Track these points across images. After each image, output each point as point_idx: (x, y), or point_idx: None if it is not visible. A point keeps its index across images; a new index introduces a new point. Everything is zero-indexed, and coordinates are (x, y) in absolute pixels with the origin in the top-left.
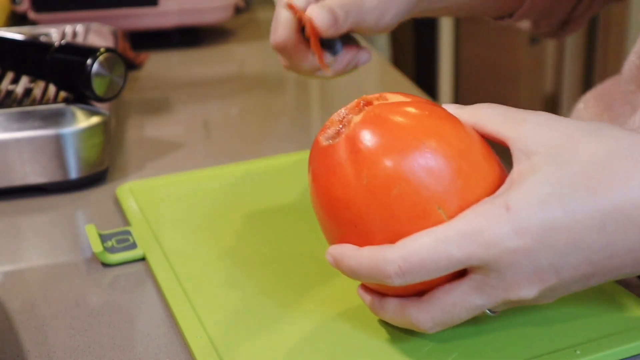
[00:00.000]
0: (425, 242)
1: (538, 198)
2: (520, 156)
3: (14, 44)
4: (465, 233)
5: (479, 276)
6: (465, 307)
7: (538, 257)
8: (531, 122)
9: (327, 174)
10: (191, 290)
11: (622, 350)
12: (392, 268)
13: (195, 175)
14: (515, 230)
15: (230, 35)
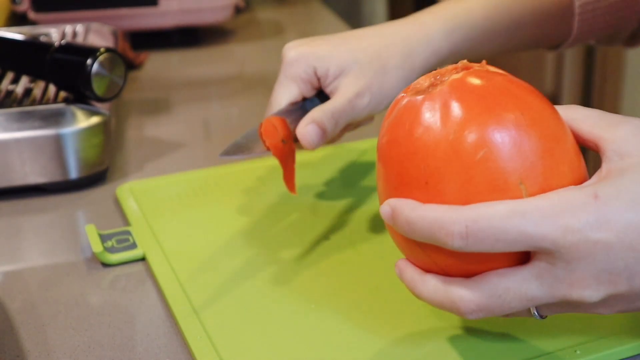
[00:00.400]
0: (499, 210)
1: (628, 196)
2: (613, 156)
3: (14, 44)
4: (545, 212)
5: (544, 264)
6: (520, 295)
7: (616, 256)
8: (629, 125)
9: (412, 124)
10: (191, 290)
11: (622, 350)
12: (457, 228)
13: (195, 175)
14: (600, 221)
15: (230, 35)
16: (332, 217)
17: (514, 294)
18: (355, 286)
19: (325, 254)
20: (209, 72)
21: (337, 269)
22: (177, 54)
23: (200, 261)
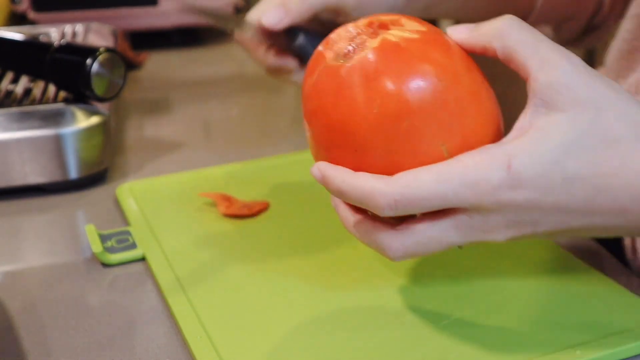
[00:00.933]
0: (424, 180)
1: (542, 162)
2: (540, 106)
3: (14, 44)
4: (463, 180)
5: (462, 216)
6: (441, 242)
7: (524, 212)
8: (563, 71)
9: (336, 95)
10: (191, 290)
11: (622, 350)
12: (386, 201)
13: (195, 175)
14: (512, 187)
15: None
16: (332, 215)
17: (437, 241)
18: (356, 285)
19: (325, 254)
20: (209, 72)
21: (337, 268)
22: (177, 54)
23: (200, 261)
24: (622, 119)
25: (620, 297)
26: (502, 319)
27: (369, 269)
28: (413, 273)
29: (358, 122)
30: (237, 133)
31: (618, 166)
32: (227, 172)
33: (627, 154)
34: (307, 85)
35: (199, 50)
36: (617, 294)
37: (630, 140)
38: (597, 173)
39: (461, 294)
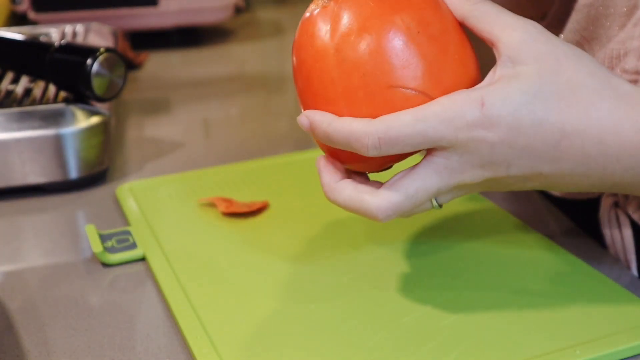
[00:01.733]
0: (405, 120)
1: (512, 103)
2: (507, 61)
3: (14, 44)
4: (440, 117)
5: (440, 159)
6: (427, 190)
7: (497, 151)
8: (525, 31)
9: (314, 52)
10: (191, 290)
11: (622, 350)
12: (371, 140)
13: (195, 175)
14: (485, 124)
15: (230, 35)
16: (332, 215)
17: (422, 192)
18: (356, 285)
19: (326, 253)
20: (209, 72)
21: (338, 268)
22: (177, 54)
23: (200, 261)
24: (582, 70)
25: (620, 297)
26: (502, 319)
27: (369, 268)
28: (413, 273)
29: (336, 77)
30: (237, 133)
31: (582, 112)
32: (227, 172)
33: (590, 102)
34: (297, 32)
35: (199, 50)
36: (617, 294)
37: (594, 89)
38: (563, 118)
39: (461, 294)
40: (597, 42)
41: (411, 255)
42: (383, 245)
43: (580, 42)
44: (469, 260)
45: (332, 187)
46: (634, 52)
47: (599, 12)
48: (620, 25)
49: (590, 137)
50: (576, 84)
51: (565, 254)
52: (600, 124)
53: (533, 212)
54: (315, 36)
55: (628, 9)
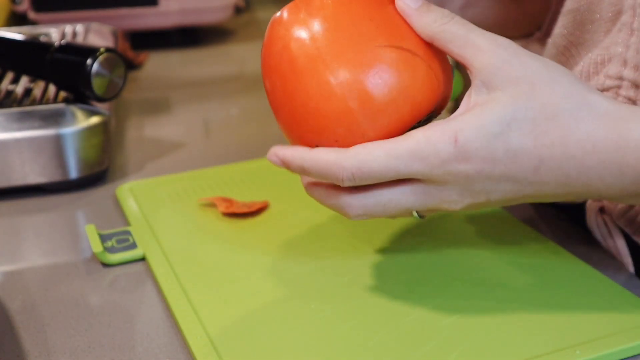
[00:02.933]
0: (377, 156)
1: (485, 135)
2: (480, 87)
3: (14, 44)
4: (413, 155)
5: (419, 184)
6: (399, 204)
7: (476, 182)
8: (495, 55)
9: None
10: (191, 290)
11: (622, 350)
12: (346, 174)
13: (195, 175)
14: (459, 159)
15: (230, 35)
16: (332, 215)
17: (395, 204)
18: (356, 285)
19: (326, 253)
20: (209, 72)
21: (338, 268)
22: (177, 54)
23: (200, 261)
24: (557, 92)
25: (620, 297)
26: (502, 318)
27: (370, 268)
28: (414, 273)
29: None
30: (237, 133)
31: (559, 136)
32: (227, 172)
33: (567, 125)
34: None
35: (199, 50)
36: (617, 293)
37: (570, 113)
38: (539, 144)
39: (461, 294)
40: (584, 47)
41: (411, 255)
42: (383, 245)
43: (567, 47)
44: (469, 261)
45: (311, 182)
46: (617, 57)
47: (584, 17)
48: (606, 31)
49: (569, 161)
50: (552, 109)
51: (565, 253)
52: (579, 146)
53: (531, 212)
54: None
55: (613, 14)
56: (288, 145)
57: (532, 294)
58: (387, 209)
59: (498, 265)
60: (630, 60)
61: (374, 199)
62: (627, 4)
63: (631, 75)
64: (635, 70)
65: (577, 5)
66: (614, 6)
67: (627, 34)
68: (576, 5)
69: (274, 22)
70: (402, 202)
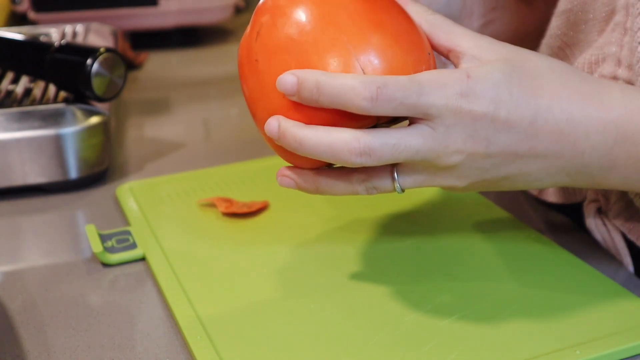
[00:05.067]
0: (401, 79)
1: (492, 79)
2: (471, 59)
3: (14, 44)
4: (433, 83)
5: (426, 127)
6: (408, 147)
7: (479, 125)
8: (482, 38)
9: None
10: (191, 290)
11: (622, 350)
12: (368, 90)
13: (195, 175)
14: (471, 96)
15: (230, 35)
16: (331, 215)
17: (403, 146)
18: (356, 285)
19: (326, 253)
20: (209, 72)
21: (338, 268)
22: (177, 54)
23: (200, 261)
24: (543, 61)
25: (621, 297)
26: (502, 319)
27: (370, 268)
28: (414, 272)
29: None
30: (237, 133)
31: (552, 90)
32: (227, 172)
33: (559, 83)
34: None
35: (199, 50)
36: (617, 293)
37: (560, 73)
38: (537, 95)
39: (461, 294)
40: (578, 47)
41: (411, 255)
42: (383, 245)
43: (561, 47)
44: (469, 261)
45: (301, 125)
46: (611, 57)
47: (578, 17)
48: (599, 31)
49: (562, 112)
50: (543, 70)
51: (565, 253)
52: (569, 101)
53: (531, 212)
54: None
55: (606, 14)
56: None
57: (531, 294)
58: (394, 151)
59: (498, 265)
60: (624, 60)
61: (384, 138)
62: (619, 4)
63: (625, 74)
64: (629, 70)
65: (570, 5)
66: (607, 6)
67: (621, 33)
68: (569, 6)
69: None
70: (411, 144)
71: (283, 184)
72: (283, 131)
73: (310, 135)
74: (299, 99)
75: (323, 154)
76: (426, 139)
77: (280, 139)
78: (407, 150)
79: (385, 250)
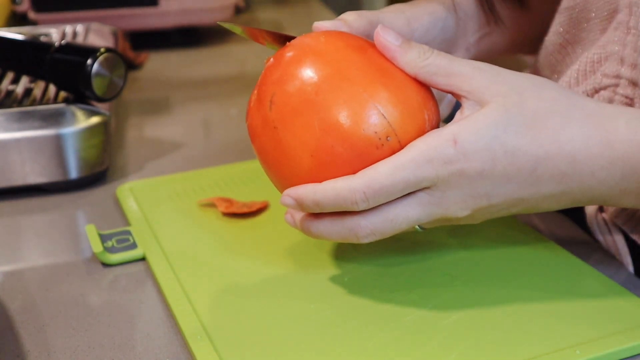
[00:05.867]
0: (384, 171)
1: (483, 137)
2: (474, 105)
3: (14, 44)
4: (418, 162)
5: (424, 194)
6: (408, 218)
7: (477, 184)
8: (482, 77)
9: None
10: (191, 290)
11: (622, 350)
12: (358, 196)
13: (195, 175)
14: (459, 160)
15: (230, 35)
16: None
17: (402, 218)
18: (356, 285)
19: (325, 253)
20: (209, 72)
21: (338, 268)
22: (177, 54)
23: (200, 261)
24: (546, 98)
25: (620, 297)
26: (502, 319)
27: (369, 268)
28: (413, 273)
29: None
30: (237, 133)
31: (552, 136)
32: (227, 172)
33: (558, 125)
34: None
35: (199, 50)
36: (617, 293)
37: (560, 114)
38: (535, 144)
39: (461, 294)
40: (580, 45)
41: (411, 255)
42: (383, 245)
43: (563, 45)
44: (469, 261)
45: (309, 219)
46: (614, 56)
47: (580, 15)
48: (602, 29)
49: (563, 157)
50: (543, 112)
51: (565, 253)
52: (572, 143)
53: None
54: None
55: (609, 12)
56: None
57: (531, 294)
58: (395, 224)
59: (497, 265)
60: (627, 59)
61: (382, 216)
62: (622, 3)
63: (628, 73)
64: (633, 69)
65: (572, 3)
66: (609, 5)
67: (624, 32)
68: (572, 4)
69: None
70: (410, 215)
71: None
72: (300, 225)
73: (321, 227)
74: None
75: (335, 239)
76: (424, 206)
77: (298, 228)
78: (408, 221)
79: (385, 250)
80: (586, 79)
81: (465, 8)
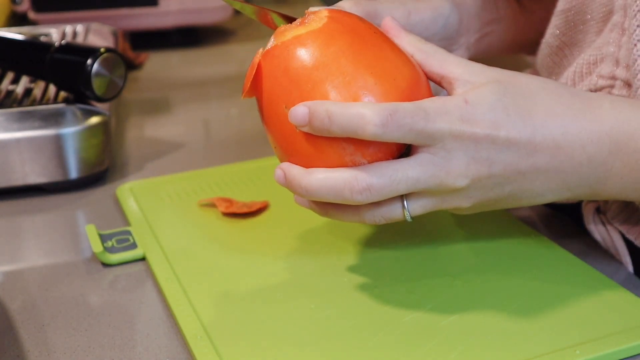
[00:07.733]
0: (409, 106)
1: (488, 102)
2: (465, 84)
3: (14, 44)
4: (437, 110)
5: (427, 155)
6: (405, 177)
7: (481, 147)
8: (474, 65)
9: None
10: (191, 290)
11: (622, 350)
12: (380, 118)
13: (195, 175)
14: (470, 120)
15: (230, 35)
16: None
17: (401, 176)
18: (356, 285)
19: (325, 253)
20: (209, 72)
21: (338, 268)
22: (177, 54)
23: (200, 261)
24: (535, 81)
25: (620, 297)
26: (502, 319)
27: (369, 268)
28: (414, 273)
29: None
30: (237, 133)
31: (547, 108)
32: (227, 172)
33: (552, 99)
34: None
35: (199, 50)
36: (617, 294)
37: (551, 90)
38: (532, 113)
39: (461, 294)
40: (577, 47)
41: (411, 255)
42: (383, 245)
43: (560, 47)
44: (469, 261)
45: (304, 172)
46: (609, 57)
47: (576, 17)
48: (597, 31)
49: (557, 127)
50: (534, 88)
51: (565, 253)
52: (563, 116)
53: (529, 211)
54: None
55: (604, 14)
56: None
57: (531, 294)
58: (393, 182)
59: (497, 265)
60: (622, 60)
61: (381, 171)
62: (617, 4)
63: (623, 74)
64: (628, 70)
65: (568, 5)
66: (604, 6)
67: (619, 33)
68: (568, 6)
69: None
70: (409, 174)
71: (296, 201)
72: (290, 181)
73: (312, 180)
74: (311, 129)
75: (327, 196)
76: (425, 166)
77: (288, 187)
78: (406, 181)
79: (385, 250)
80: (582, 81)
81: (468, 7)
